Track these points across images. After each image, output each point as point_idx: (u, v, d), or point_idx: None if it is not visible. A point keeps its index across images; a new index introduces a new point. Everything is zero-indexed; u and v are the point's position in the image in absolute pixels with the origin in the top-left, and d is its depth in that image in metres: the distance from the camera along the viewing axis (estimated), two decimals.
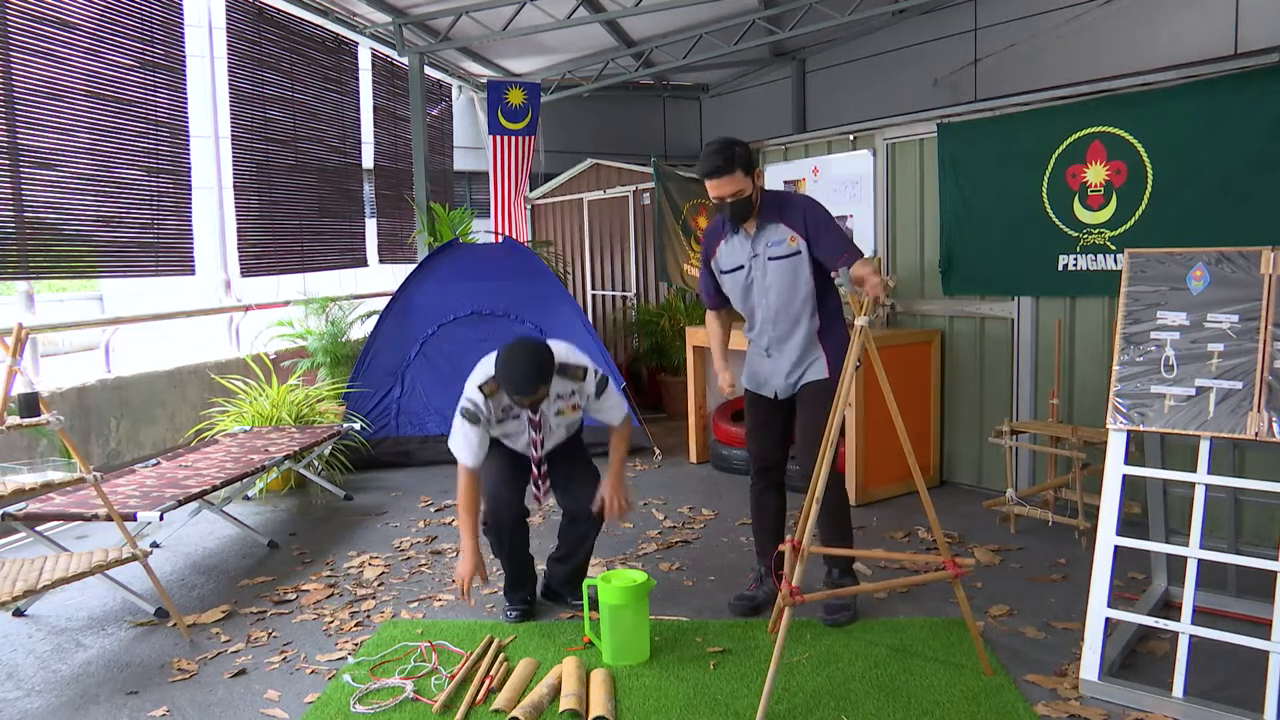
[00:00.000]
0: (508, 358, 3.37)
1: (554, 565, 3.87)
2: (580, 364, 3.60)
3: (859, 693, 3.04)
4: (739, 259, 3.62)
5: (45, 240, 5.39)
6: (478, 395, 3.53)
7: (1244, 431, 2.82)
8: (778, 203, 3.58)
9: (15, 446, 5.00)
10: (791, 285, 3.54)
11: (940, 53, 9.25)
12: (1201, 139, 4.30)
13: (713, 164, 3.40)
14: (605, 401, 3.70)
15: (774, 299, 3.58)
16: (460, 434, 3.56)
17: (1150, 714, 2.84)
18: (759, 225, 3.55)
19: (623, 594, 3.27)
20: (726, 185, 3.41)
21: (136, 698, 3.17)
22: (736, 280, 3.66)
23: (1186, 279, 3.02)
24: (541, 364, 3.37)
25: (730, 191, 3.42)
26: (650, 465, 6.44)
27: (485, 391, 3.51)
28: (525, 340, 3.44)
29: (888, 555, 3.75)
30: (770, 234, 3.54)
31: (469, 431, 3.55)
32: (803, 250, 3.50)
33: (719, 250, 3.70)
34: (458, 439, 3.58)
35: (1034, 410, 5.16)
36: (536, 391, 3.39)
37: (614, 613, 3.28)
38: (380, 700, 3.08)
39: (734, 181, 3.41)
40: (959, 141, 5.30)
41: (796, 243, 3.50)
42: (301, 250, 7.85)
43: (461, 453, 3.57)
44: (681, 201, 7.36)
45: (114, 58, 5.81)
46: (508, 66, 10.25)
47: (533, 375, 3.35)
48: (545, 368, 3.39)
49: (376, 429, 6.49)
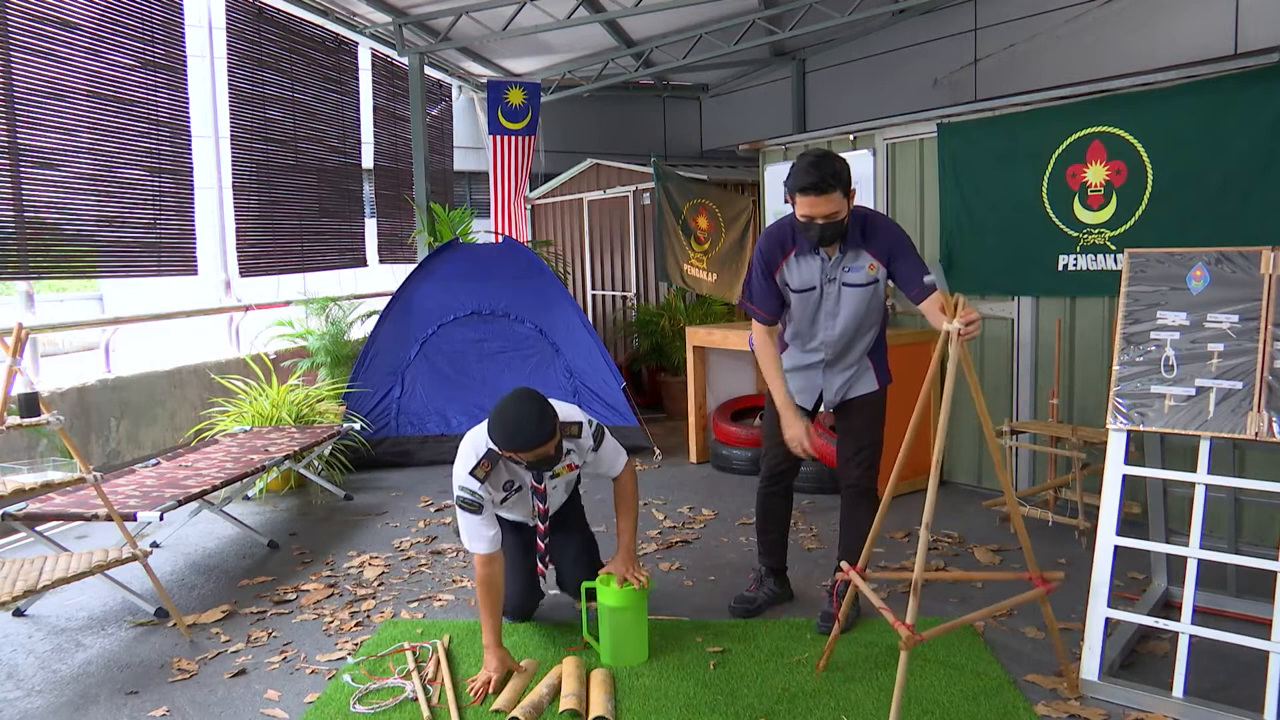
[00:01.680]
0: (512, 415, 3.03)
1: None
2: (575, 420, 3.32)
3: (859, 693, 3.04)
4: (811, 279, 3.36)
5: (46, 240, 5.39)
6: (472, 483, 3.17)
7: (1244, 431, 2.82)
8: (861, 225, 3.29)
9: (15, 446, 5.00)
10: (864, 312, 3.38)
11: (940, 53, 9.25)
12: (1202, 139, 4.30)
13: (811, 179, 3.07)
14: (604, 452, 3.42)
15: (841, 324, 3.39)
16: (465, 526, 3.22)
17: (1150, 714, 2.84)
18: (842, 249, 3.30)
19: (622, 596, 3.25)
20: (823, 205, 3.11)
21: (136, 698, 3.18)
22: (804, 300, 3.41)
23: (1186, 279, 3.02)
24: (544, 409, 3.07)
25: (826, 212, 3.12)
26: (650, 465, 6.44)
27: (479, 475, 3.17)
28: (515, 393, 3.11)
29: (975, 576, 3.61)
30: (851, 259, 3.30)
31: (473, 522, 3.20)
32: (880, 278, 3.32)
33: (787, 265, 3.38)
34: (466, 532, 3.23)
35: (1034, 410, 5.16)
36: (551, 438, 3.07)
37: (613, 615, 3.26)
38: (380, 700, 3.08)
39: (832, 202, 3.10)
40: (959, 141, 5.30)
41: (876, 270, 3.29)
42: (301, 250, 7.85)
43: (475, 544, 3.22)
44: (681, 201, 7.36)
45: (115, 57, 5.81)
46: (508, 66, 10.26)
47: (544, 421, 3.04)
48: (548, 412, 3.08)
49: (376, 429, 6.49)
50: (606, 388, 6.68)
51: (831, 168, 3.10)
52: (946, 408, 2.65)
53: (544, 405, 3.08)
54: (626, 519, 3.48)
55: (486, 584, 3.22)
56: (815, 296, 3.39)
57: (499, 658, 3.18)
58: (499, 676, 3.14)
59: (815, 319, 3.44)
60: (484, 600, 3.22)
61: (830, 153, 3.19)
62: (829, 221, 3.16)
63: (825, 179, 3.07)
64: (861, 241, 3.29)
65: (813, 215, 3.15)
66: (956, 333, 2.66)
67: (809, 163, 3.11)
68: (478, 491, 3.18)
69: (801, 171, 3.11)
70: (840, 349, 3.47)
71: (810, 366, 3.54)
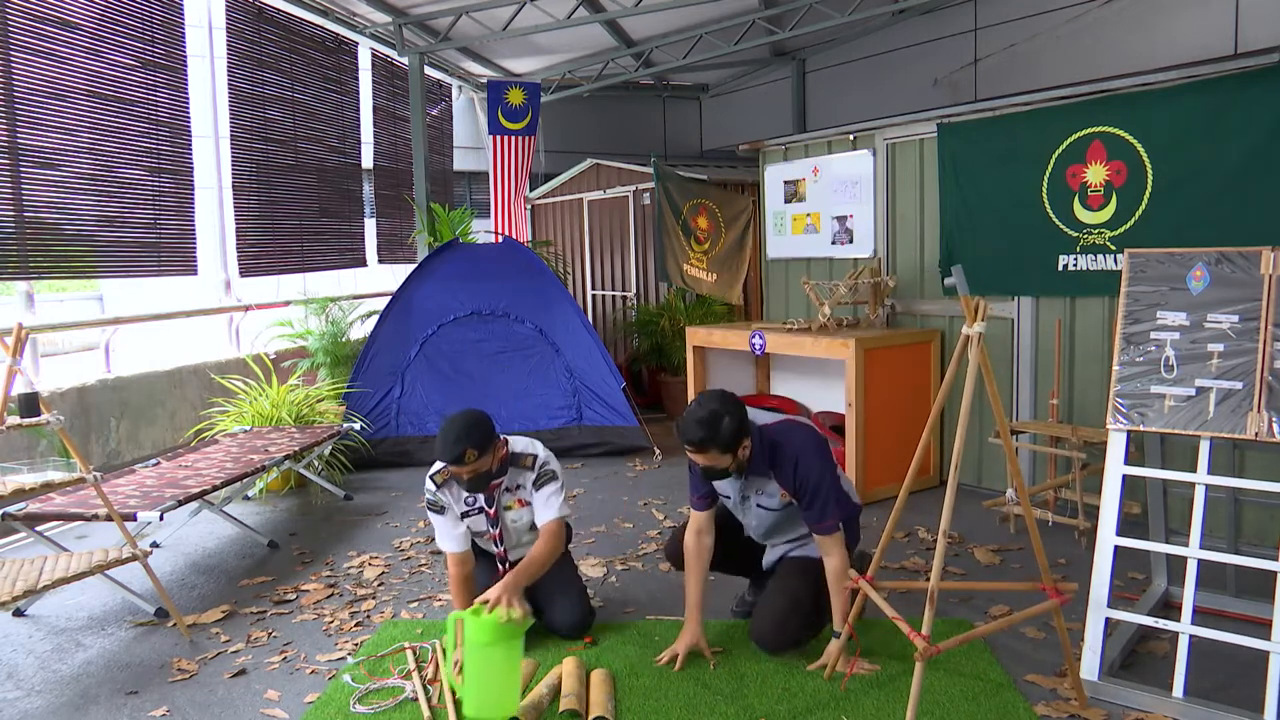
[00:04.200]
0: (442, 429, 3.26)
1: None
2: (531, 452, 3.46)
3: (859, 693, 3.04)
4: (729, 491, 3.37)
5: (46, 240, 5.40)
6: (431, 485, 3.44)
7: (1244, 432, 2.82)
8: (771, 455, 3.21)
9: (15, 446, 5.00)
10: (782, 526, 3.40)
11: (940, 53, 9.25)
12: (1201, 139, 4.30)
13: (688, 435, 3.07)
14: (544, 494, 3.44)
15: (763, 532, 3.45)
16: (435, 527, 3.49)
17: (1150, 714, 2.84)
18: (747, 475, 3.28)
19: (492, 630, 2.81)
20: (700, 458, 3.13)
21: (136, 698, 3.18)
22: (729, 504, 3.43)
23: (1186, 279, 3.03)
24: (471, 426, 3.23)
25: (704, 464, 3.15)
26: (650, 465, 6.44)
27: (436, 481, 3.43)
28: (462, 410, 3.33)
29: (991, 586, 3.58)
30: (760, 484, 3.29)
31: (440, 522, 3.45)
32: (795, 503, 3.25)
33: None
34: (436, 532, 3.49)
35: (1034, 410, 5.16)
36: (464, 456, 3.20)
37: (481, 653, 2.78)
38: (380, 700, 3.08)
39: (710, 457, 3.11)
40: (959, 141, 5.30)
41: (788, 498, 3.25)
42: (301, 250, 7.85)
43: (443, 543, 3.45)
44: (681, 201, 7.36)
45: (115, 58, 5.81)
46: (508, 66, 10.26)
47: (461, 437, 3.20)
48: (475, 430, 3.23)
49: (376, 429, 6.49)
50: (606, 388, 6.68)
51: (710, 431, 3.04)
52: (966, 411, 2.62)
53: (469, 428, 3.22)
54: (536, 549, 3.34)
55: (458, 583, 3.44)
56: (735, 505, 3.41)
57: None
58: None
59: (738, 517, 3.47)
60: (457, 600, 3.42)
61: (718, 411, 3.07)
62: (710, 467, 3.15)
63: (703, 440, 3.05)
64: (768, 471, 3.23)
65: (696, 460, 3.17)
66: (978, 336, 2.65)
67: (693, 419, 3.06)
68: (436, 494, 3.42)
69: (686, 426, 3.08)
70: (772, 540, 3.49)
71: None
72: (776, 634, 3.25)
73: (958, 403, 2.68)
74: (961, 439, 2.62)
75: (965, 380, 2.66)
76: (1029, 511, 2.87)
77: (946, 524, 2.60)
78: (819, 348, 5.34)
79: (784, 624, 3.25)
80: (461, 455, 3.21)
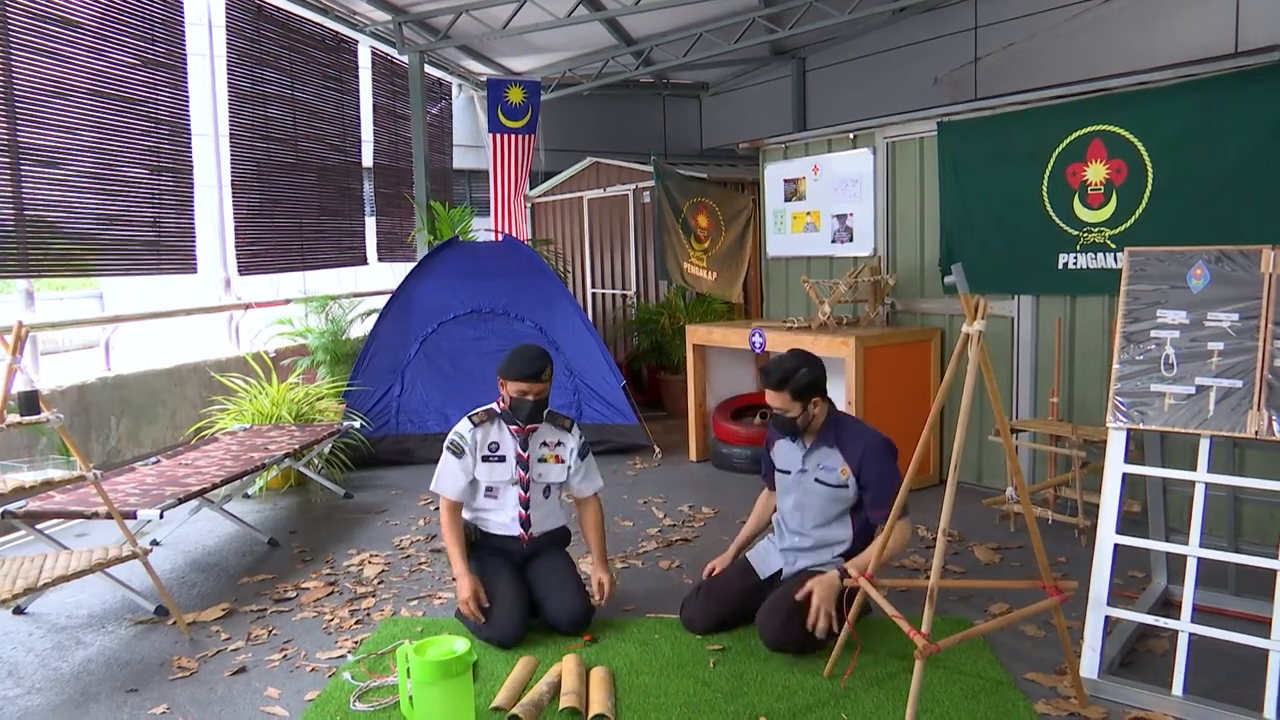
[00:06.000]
0: (515, 352, 3.59)
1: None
2: (569, 415, 3.79)
3: (859, 691, 3.04)
4: (790, 464, 3.56)
5: (46, 238, 5.39)
6: (465, 425, 3.64)
7: (1244, 430, 2.82)
8: (838, 427, 3.47)
9: (15, 445, 5.00)
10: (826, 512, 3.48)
11: (940, 51, 9.25)
12: (1202, 138, 4.30)
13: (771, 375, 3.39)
14: (586, 465, 3.75)
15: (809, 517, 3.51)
16: (442, 466, 3.65)
17: (1150, 712, 2.84)
18: (814, 444, 3.48)
19: (434, 670, 2.71)
20: (775, 400, 3.40)
21: (137, 695, 3.18)
22: (784, 481, 3.61)
23: (1187, 277, 3.02)
24: (543, 350, 3.61)
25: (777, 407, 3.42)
26: (650, 463, 6.44)
27: (475, 420, 3.65)
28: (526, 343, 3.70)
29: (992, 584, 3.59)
30: (823, 456, 3.46)
31: (451, 464, 3.63)
32: (850, 486, 3.41)
33: (779, 443, 3.64)
34: (440, 471, 3.66)
35: (1034, 409, 5.16)
36: (544, 374, 3.54)
37: (424, 692, 2.74)
38: (380, 698, 3.08)
39: (782, 400, 3.38)
40: (959, 140, 5.30)
41: (847, 476, 3.40)
42: (301, 248, 7.84)
43: (443, 483, 3.64)
44: (681, 200, 7.36)
45: (116, 56, 5.81)
46: (507, 65, 10.25)
47: (542, 355, 3.56)
48: (546, 354, 3.60)
49: (376, 427, 6.49)
50: (606, 386, 6.68)
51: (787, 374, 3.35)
52: (966, 409, 2.62)
53: (543, 354, 3.60)
54: (595, 532, 3.75)
55: (448, 525, 3.62)
56: (793, 478, 3.55)
57: (471, 581, 3.49)
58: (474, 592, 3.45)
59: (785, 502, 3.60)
60: (447, 537, 3.61)
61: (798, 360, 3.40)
62: (781, 413, 3.43)
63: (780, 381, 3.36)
64: (834, 444, 3.45)
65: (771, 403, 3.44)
66: (978, 335, 2.65)
67: (777, 362, 3.42)
68: (466, 437, 3.61)
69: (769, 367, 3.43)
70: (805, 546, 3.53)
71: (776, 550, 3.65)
72: (783, 628, 3.25)
73: (958, 401, 2.68)
74: (961, 437, 2.62)
75: (965, 378, 2.65)
76: (1029, 510, 2.86)
77: (946, 522, 2.60)
78: (819, 346, 5.33)
79: (789, 621, 3.25)
80: (542, 371, 3.54)
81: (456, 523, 3.64)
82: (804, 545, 3.52)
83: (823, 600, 3.22)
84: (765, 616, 3.32)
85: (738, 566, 3.68)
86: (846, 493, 3.42)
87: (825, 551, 3.49)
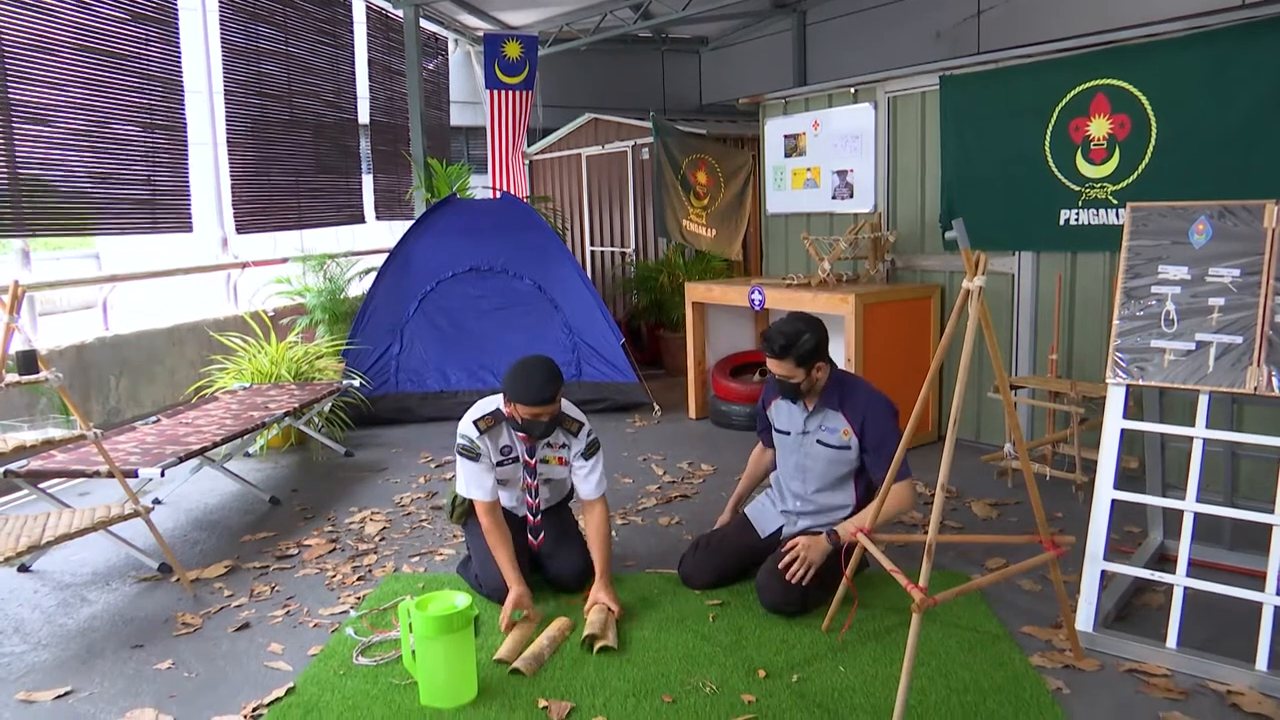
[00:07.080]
0: (526, 368, 3.29)
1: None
2: (578, 419, 3.50)
3: (855, 645, 3.07)
4: (790, 425, 3.53)
5: (40, 197, 5.35)
6: (472, 430, 3.39)
7: (1243, 386, 2.82)
8: (841, 389, 3.43)
9: (15, 405, 5.00)
10: (825, 475, 3.47)
11: (942, 5, 9.11)
12: (1206, 91, 4.25)
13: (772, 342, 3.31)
14: (591, 464, 3.51)
15: (811, 481, 3.50)
16: (464, 474, 3.41)
17: (1144, 664, 2.87)
18: (816, 406, 3.44)
19: (435, 625, 2.75)
20: (775, 366, 3.34)
21: (142, 651, 3.21)
22: (784, 442, 3.57)
23: (1189, 233, 3.00)
24: (555, 370, 3.32)
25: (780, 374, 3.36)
26: (650, 421, 6.45)
27: (481, 427, 3.40)
28: (536, 355, 3.38)
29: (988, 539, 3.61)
30: (825, 417, 3.43)
31: (471, 469, 3.39)
32: (853, 448, 3.39)
33: (777, 403, 3.59)
34: (464, 480, 3.41)
35: (1034, 365, 5.16)
36: (551, 403, 3.29)
37: (426, 646, 2.77)
38: (382, 653, 3.11)
39: (785, 367, 3.31)
40: (961, 95, 5.24)
41: (849, 437, 3.38)
42: (298, 207, 7.80)
43: (472, 490, 3.40)
44: (680, 156, 7.29)
45: (105, 10, 5.72)
46: (504, 19, 10.11)
47: (553, 377, 3.29)
48: (559, 374, 3.33)
49: (376, 385, 6.49)
50: (606, 344, 6.67)
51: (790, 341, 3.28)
52: (965, 366, 2.61)
53: (555, 374, 3.30)
54: (600, 547, 3.44)
55: (491, 531, 3.37)
56: (794, 439, 3.51)
57: (519, 592, 3.29)
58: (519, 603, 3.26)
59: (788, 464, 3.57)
60: (494, 545, 3.36)
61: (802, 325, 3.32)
62: (784, 379, 3.36)
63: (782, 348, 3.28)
64: (838, 405, 3.41)
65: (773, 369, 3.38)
66: (978, 290, 2.63)
67: (777, 329, 3.33)
68: (475, 441, 3.38)
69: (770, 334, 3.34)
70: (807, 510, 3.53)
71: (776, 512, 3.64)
72: (784, 591, 3.25)
73: (957, 357, 2.67)
74: (961, 394, 2.61)
75: (965, 335, 2.64)
76: (1027, 466, 2.87)
77: (944, 478, 2.60)
78: (818, 303, 5.32)
79: (790, 584, 3.24)
80: (554, 395, 3.30)
81: (500, 522, 3.39)
82: (805, 509, 3.53)
83: (806, 551, 3.25)
84: (765, 578, 3.33)
85: (736, 523, 3.70)
86: (849, 454, 3.41)
87: (825, 516, 3.50)
